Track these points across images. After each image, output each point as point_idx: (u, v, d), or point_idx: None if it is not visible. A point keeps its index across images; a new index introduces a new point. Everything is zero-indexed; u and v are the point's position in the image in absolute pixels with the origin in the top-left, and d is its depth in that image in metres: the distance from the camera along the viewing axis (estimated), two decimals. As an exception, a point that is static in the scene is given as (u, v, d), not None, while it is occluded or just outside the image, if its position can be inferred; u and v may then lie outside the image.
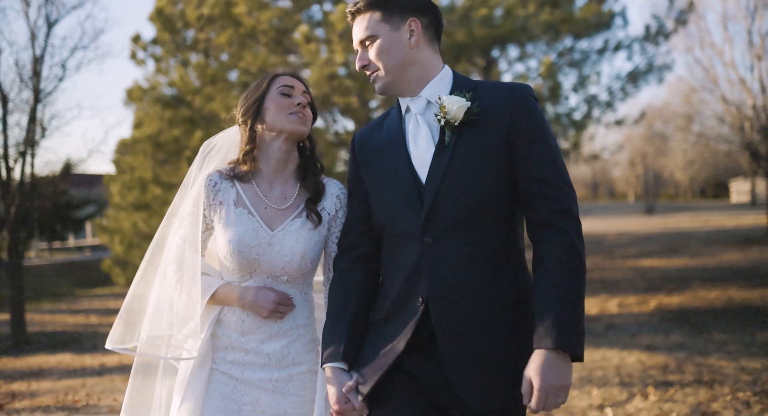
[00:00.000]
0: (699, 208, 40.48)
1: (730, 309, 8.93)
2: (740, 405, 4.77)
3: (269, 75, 2.34)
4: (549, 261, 1.88)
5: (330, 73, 6.83)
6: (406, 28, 2.02)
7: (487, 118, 1.95)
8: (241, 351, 2.23)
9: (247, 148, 2.27)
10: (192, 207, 2.28)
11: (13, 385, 7.32)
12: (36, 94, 11.08)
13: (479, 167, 1.94)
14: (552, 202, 1.91)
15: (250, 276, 2.24)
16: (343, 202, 2.31)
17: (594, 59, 12.98)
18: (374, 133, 2.18)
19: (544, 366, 1.78)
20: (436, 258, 1.94)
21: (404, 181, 2.00)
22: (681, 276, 12.52)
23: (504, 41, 8.57)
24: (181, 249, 2.27)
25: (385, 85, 2.06)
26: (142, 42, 13.06)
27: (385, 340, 2.02)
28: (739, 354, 6.38)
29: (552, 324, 1.79)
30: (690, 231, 23.13)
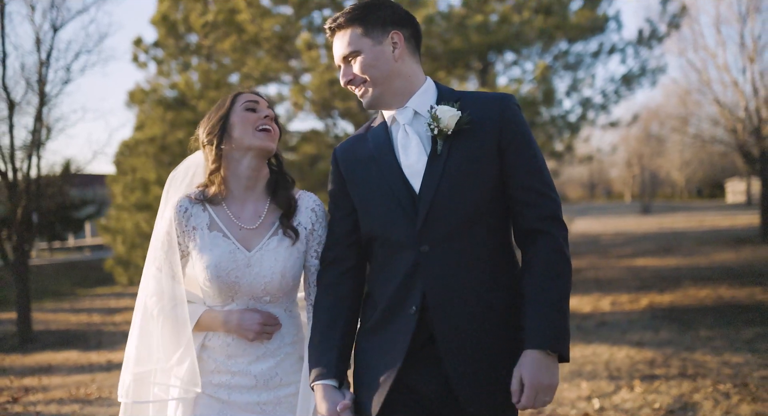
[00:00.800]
0: (695, 208, 40.80)
1: (718, 307, 9.20)
2: (720, 396, 5.04)
3: (231, 94, 2.31)
4: (536, 265, 1.94)
5: (330, 78, 7.08)
6: (388, 41, 2.03)
7: (477, 128, 1.98)
8: (227, 374, 2.20)
9: (213, 167, 2.22)
10: (165, 235, 2.23)
11: (25, 380, 7.56)
12: (41, 97, 11.33)
13: (473, 175, 1.97)
14: (539, 209, 1.97)
15: (232, 300, 2.20)
16: (319, 215, 2.28)
17: (588, 62, 13.23)
18: (358, 145, 2.17)
19: (533, 365, 1.85)
20: (433, 266, 1.96)
21: (397, 191, 2.00)
22: (673, 275, 12.79)
23: (499, 47, 8.83)
24: (158, 280, 2.22)
25: (373, 99, 2.06)
26: (143, 45, 13.29)
27: (381, 352, 2.03)
28: (723, 349, 6.64)
29: (540, 326, 1.87)
30: (684, 231, 23.43)
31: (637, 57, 13.28)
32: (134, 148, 13.11)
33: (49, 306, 16.48)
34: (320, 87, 7.08)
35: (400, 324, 1.99)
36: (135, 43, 13.43)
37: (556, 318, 1.88)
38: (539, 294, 1.90)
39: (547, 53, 12.22)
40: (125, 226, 13.66)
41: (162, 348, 2.19)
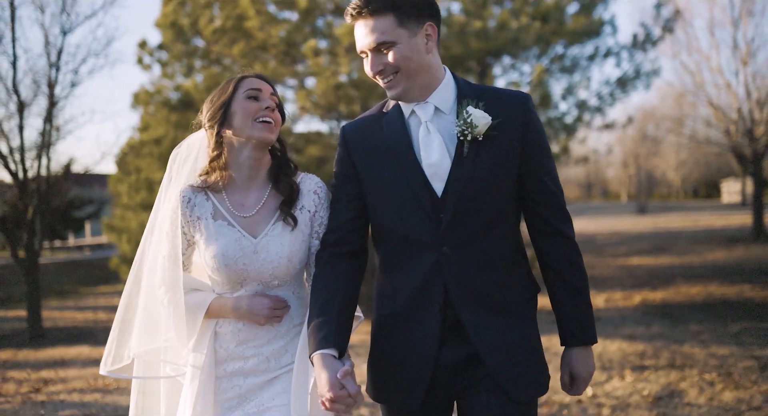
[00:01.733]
0: (690, 208, 41.18)
1: (708, 303, 9.53)
2: (705, 384, 5.36)
3: (235, 78, 2.26)
4: (564, 267, 2.10)
5: (335, 83, 7.39)
6: (422, 32, 1.98)
7: (502, 131, 1.99)
8: (240, 360, 2.21)
9: (214, 154, 2.21)
10: (170, 225, 2.23)
11: (42, 373, 7.86)
12: (51, 99, 11.63)
13: (498, 180, 2.00)
14: (557, 210, 2.10)
15: (240, 286, 2.20)
16: (322, 198, 2.27)
17: (584, 65, 13.56)
18: (371, 131, 2.13)
19: (582, 361, 2.12)
20: (454, 266, 2.01)
21: (418, 191, 2.00)
22: (666, 273, 13.13)
23: (498, 53, 9.15)
24: (165, 270, 2.23)
25: (402, 92, 2.01)
26: (148, 47, 13.59)
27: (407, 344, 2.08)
28: (711, 342, 6.97)
29: (582, 325, 2.10)
30: (679, 230, 23.77)
31: (631, 60, 13.62)
32: (139, 149, 13.41)
33: (54, 304, 16.74)
34: (326, 92, 7.40)
35: (424, 319, 2.05)
36: (140, 46, 13.71)
37: (589, 315, 2.12)
38: (574, 296, 2.10)
39: (544, 56, 12.54)
40: (130, 225, 13.94)
41: (177, 337, 2.20)
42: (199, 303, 2.19)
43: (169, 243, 2.22)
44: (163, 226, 2.26)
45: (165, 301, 2.21)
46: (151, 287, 2.26)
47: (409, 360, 2.07)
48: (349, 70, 7.40)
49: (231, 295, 2.21)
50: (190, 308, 2.19)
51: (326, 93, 7.46)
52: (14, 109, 11.48)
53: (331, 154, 8.44)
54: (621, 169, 51.22)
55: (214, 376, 2.22)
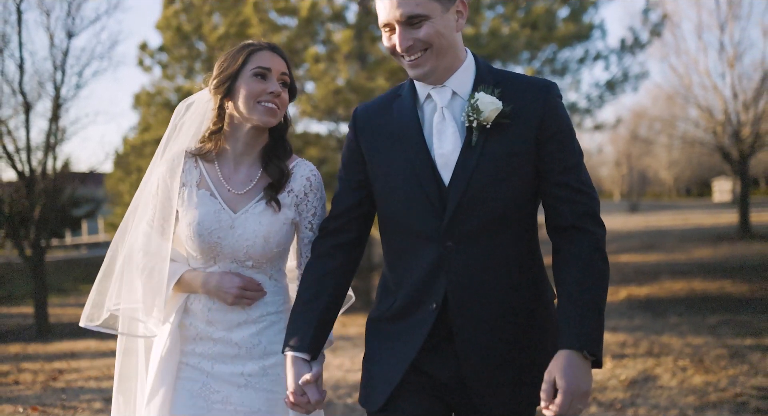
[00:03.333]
0: (681, 206, 41.76)
1: (690, 298, 9.98)
2: (678, 370, 5.80)
3: (247, 48, 2.14)
4: (575, 262, 1.82)
5: (335, 88, 7.80)
6: (454, 8, 1.87)
7: (516, 119, 1.85)
8: (209, 341, 2.13)
9: (215, 127, 2.16)
10: (156, 189, 2.17)
11: (55, 364, 8.25)
12: (56, 101, 12.00)
13: (507, 171, 1.85)
14: (578, 206, 1.86)
15: (214, 262, 2.13)
16: (314, 185, 2.19)
17: (575, 68, 14.00)
18: (382, 114, 2.01)
19: (570, 368, 1.68)
20: (458, 263, 1.86)
21: (425, 180, 1.88)
22: (653, 270, 13.59)
23: (489, 59, 9.55)
24: (147, 236, 2.17)
25: (429, 71, 1.86)
26: (149, 49, 13.96)
27: (397, 339, 1.96)
28: (688, 333, 7.42)
29: (579, 326, 1.73)
30: (669, 229, 24.27)
31: (620, 64, 14.06)
32: (141, 149, 13.78)
33: (55, 301, 17.08)
34: (325, 96, 7.80)
35: (419, 317, 1.92)
36: (140, 48, 14.09)
37: (595, 319, 1.75)
38: (579, 292, 1.77)
39: (535, 60, 12.97)
40: (132, 224, 14.27)
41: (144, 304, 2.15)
42: (171, 274, 2.13)
43: (153, 208, 2.17)
44: (150, 189, 2.19)
45: (140, 267, 2.15)
46: (131, 250, 2.20)
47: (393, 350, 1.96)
48: (348, 75, 7.80)
49: (204, 270, 2.14)
50: (163, 277, 2.13)
51: (326, 97, 7.86)
52: (21, 110, 11.84)
53: (330, 156, 8.86)
54: (614, 168, 51.78)
55: (178, 350, 2.15)
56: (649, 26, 14.44)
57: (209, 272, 2.13)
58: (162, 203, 2.17)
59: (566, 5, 12.59)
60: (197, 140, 2.22)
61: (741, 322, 7.80)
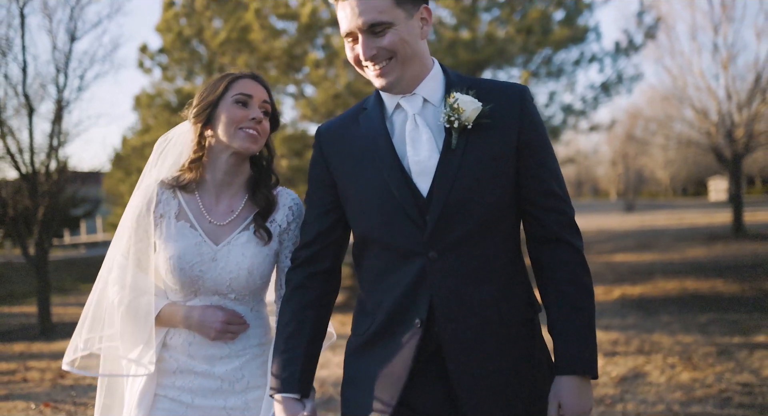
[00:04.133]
0: (677, 206, 42.02)
1: (681, 297, 10.19)
2: (667, 367, 6.01)
3: (228, 77, 2.11)
4: (564, 281, 1.82)
5: (334, 92, 8.00)
6: (418, 15, 1.81)
7: (496, 122, 1.79)
8: (190, 374, 2.06)
9: (195, 156, 2.10)
10: (132, 220, 2.09)
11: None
12: (59, 103, 12.17)
13: (490, 175, 1.79)
14: (559, 215, 1.84)
15: (195, 295, 2.06)
16: (296, 214, 2.14)
17: (570, 70, 14.22)
18: (348, 130, 1.93)
19: (573, 392, 1.76)
20: (442, 275, 1.78)
21: (399, 191, 1.79)
22: (647, 269, 13.79)
23: (485, 63, 9.77)
24: (122, 268, 2.10)
25: (395, 80, 1.80)
26: (149, 51, 14.16)
27: (379, 368, 1.85)
28: (678, 331, 7.62)
29: (578, 350, 1.77)
30: (664, 228, 24.49)
31: (614, 66, 14.29)
32: (141, 150, 13.98)
33: (56, 300, 17.22)
34: (326, 101, 8.01)
35: (403, 337, 1.82)
36: (141, 50, 14.30)
37: (590, 339, 1.80)
38: (571, 313, 1.80)
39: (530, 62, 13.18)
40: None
41: (122, 341, 2.06)
42: (150, 309, 2.05)
43: (128, 240, 2.10)
44: (125, 221, 2.13)
45: (116, 301, 2.07)
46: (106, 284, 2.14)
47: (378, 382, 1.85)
48: (347, 80, 8.00)
49: (184, 303, 2.08)
50: (142, 312, 2.05)
51: (326, 101, 8.06)
52: (24, 113, 12.01)
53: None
54: (610, 168, 52.06)
55: (155, 384, 2.08)
56: (644, 28, 14.68)
57: (190, 306, 2.06)
58: (138, 235, 2.10)
59: (561, 8, 12.83)
60: (175, 170, 2.16)
61: (730, 321, 8.01)
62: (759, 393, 5.07)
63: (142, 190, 2.13)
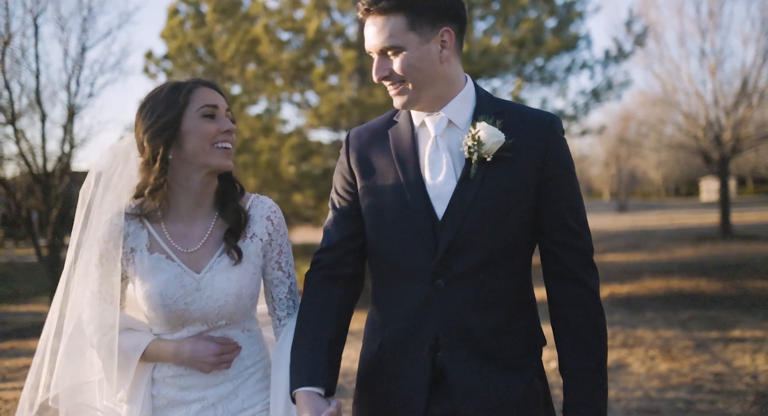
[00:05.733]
0: (669, 206, 42.70)
1: (666, 295, 10.75)
2: (647, 359, 6.55)
3: (184, 86, 1.89)
4: (577, 322, 1.79)
5: (339, 103, 8.51)
6: (437, 38, 1.74)
7: (518, 153, 1.76)
8: (183, 406, 1.93)
9: (156, 183, 1.87)
10: (99, 258, 1.90)
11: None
12: (70, 110, 12.66)
13: (506, 207, 1.76)
14: (579, 255, 1.81)
15: (182, 327, 1.91)
16: (276, 223, 2.00)
17: (561, 77, 14.76)
18: (377, 140, 1.91)
19: None
20: (448, 304, 1.77)
21: (418, 214, 1.78)
22: (636, 269, 14.35)
23: (479, 74, 10.29)
24: (93, 307, 1.91)
25: (409, 102, 1.80)
26: (154, 58, 14.65)
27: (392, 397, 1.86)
28: (660, 326, 8.17)
29: (588, 393, 1.76)
30: (655, 229, 25.09)
31: (604, 73, 14.84)
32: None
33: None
34: (330, 111, 8.51)
35: (414, 360, 1.83)
36: (146, 56, 14.79)
37: (600, 383, 1.78)
38: (584, 356, 1.78)
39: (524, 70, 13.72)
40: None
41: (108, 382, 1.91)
42: (134, 347, 1.89)
43: (99, 278, 1.91)
44: (91, 259, 1.92)
45: (94, 342, 1.90)
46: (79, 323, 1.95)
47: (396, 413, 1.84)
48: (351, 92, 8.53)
49: (171, 336, 1.92)
50: (123, 351, 1.88)
51: (331, 112, 8.58)
52: (37, 118, 12.50)
53: (332, 165, 9.57)
54: (603, 168, 52.65)
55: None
56: (633, 36, 15.24)
57: (178, 340, 1.91)
58: (110, 272, 1.90)
59: (553, 16, 13.38)
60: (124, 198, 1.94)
61: (710, 317, 8.55)
62: (728, 381, 5.62)
63: (107, 222, 1.91)
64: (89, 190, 1.98)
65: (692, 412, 4.87)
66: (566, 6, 13.71)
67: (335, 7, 9.57)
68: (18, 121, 12.03)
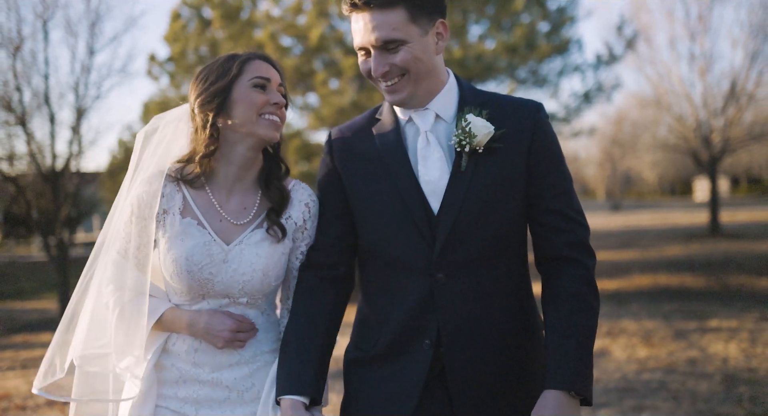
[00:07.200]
0: (662, 206, 43.25)
1: (652, 290, 11.22)
2: (629, 346, 7.02)
3: (237, 58, 1.90)
4: (565, 297, 1.75)
5: (340, 107, 8.98)
6: (433, 31, 1.78)
7: (506, 143, 1.77)
8: (195, 384, 1.89)
9: (207, 150, 1.88)
10: (129, 215, 1.89)
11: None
12: (78, 112, 13.10)
13: (499, 197, 1.77)
14: (570, 236, 1.80)
15: (202, 299, 1.89)
16: (313, 212, 1.97)
17: (554, 80, 15.22)
18: (361, 139, 1.91)
19: (559, 408, 1.65)
20: (449, 297, 1.77)
21: (414, 210, 1.77)
22: (625, 266, 14.81)
23: (474, 79, 10.76)
24: (118, 266, 1.90)
25: (407, 97, 1.79)
26: (157, 60, 15.08)
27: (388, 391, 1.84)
28: (643, 318, 8.64)
29: (566, 365, 1.68)
30: (647, 228, 25.59)
31: (596, 76, 15.31)
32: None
33: (66, 296, 18.05)
34: (332, 114, 8.98)
35: (411, 358, 1.81)
36: (150, 59, 15.22)
37: (583, 357, 1.70)
38: (569, 330, 1.72)
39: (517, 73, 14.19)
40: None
41: (115, 346, 1.87)
42: (150, 311, 1.86)
43: (126, 236, 1.91)
44: (122, 216, 1.92)
45: (111, 302, 1.89)
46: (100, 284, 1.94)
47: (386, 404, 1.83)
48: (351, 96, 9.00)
49: (189, 308, 1.90)
50: (138, 314, 1.86)
51: (331, 115, 9.04)
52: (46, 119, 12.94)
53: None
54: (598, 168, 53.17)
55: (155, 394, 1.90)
56: (624, 40, 15.72)
57: (196, 311, 1.89)
58: (138, 232, 1.90)
59: (546, 20, 13.85)
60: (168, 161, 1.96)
61: (691, 310, 9.03)
62: (700, 364, 6.09)
63: (144, 180, 1.91)
64: (135, 154, 1.99)
65: (664, 390, 5.34)
66: (559, 10, 14.20)
67: (335, 14, 10.04)
68: (28, 123, 12.47)
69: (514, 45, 10.61)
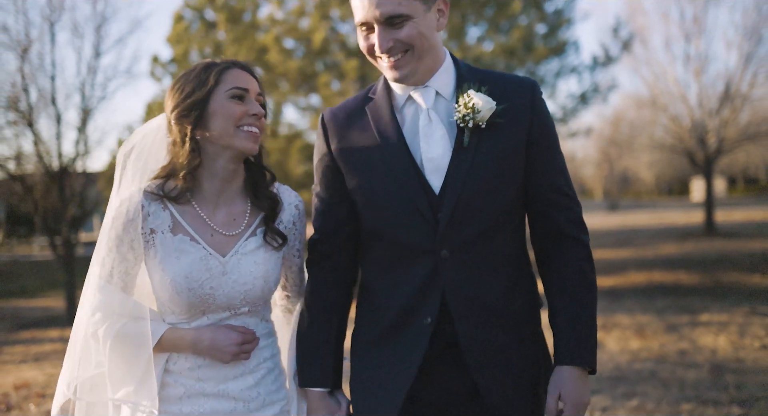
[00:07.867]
0: (659, 205, 43.53)
1: (647, 287, 11.48)
2: (621, 339, 7.28)
3: (214, 67, 1.84)
4: (570, 274, 1.83)
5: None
6: (435, 7, 1.79)
7: (508, 118, 1.79)
8: (200, 398, 1.86)
9: (193, 164, 1.84)
10: (115, 238, 1.84)
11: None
12: (84, 112, 13.34)
13: (502, 172, 1.79)
14: (568, 212, 1.85)
15: (203, 314, 1.86)
16: (301, 211, 2.01)
17: (551, 82, 15.49)
18: (354, 119, 1.89)
19: (575, 383, 1.75)
20: (454, 273, 1.79)
21: (412, 188, 1.78)
22: (621, 264, 15.07)
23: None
24: (105, 292, 1.84)
25: (409, 73, 1.78)
26: (160, 61, 15.32)
27: (388, 367, 1.86)
28: (637, 313, 8.90)
29: (580, 342, 1.78)
30: (644, 227, 25.86)
31: (592, 77, 15.59)
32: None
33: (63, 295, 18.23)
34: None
35: (411, 335, 1.84)
36: (153, 60, 15.46)
37: (592, 333, 1.82)
38: (576, 307, 1.81)
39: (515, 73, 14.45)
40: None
41: (111, 378, 1.81)
42: (147, 335, 1.80)
43: (110, 260, 1.85)
44: (104, 240, 1.86)
45: (100, 333, 1.81)
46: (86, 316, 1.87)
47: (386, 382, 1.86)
48: (353, 96, 9.28)
49: (188, 326, 1.86)
50: (134, 341, 1.80)
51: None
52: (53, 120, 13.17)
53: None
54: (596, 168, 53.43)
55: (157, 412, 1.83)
56: (620, 41, 15.99)
57: (196, 329, 1.85)
58: (122, 254, 1.85)
59: (543, 23, 14.12)
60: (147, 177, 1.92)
61: (683, 305, 9.29)
62: (690, 354, 6.35)
63: (123, 202, 1.85)
64: (118, 169, 1.96)
65: (654, 378, 5.60)
66: (556, 13, 14.46)
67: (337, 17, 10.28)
68: (35, 123, 12.70)
69: (511, 47, 10.87)
